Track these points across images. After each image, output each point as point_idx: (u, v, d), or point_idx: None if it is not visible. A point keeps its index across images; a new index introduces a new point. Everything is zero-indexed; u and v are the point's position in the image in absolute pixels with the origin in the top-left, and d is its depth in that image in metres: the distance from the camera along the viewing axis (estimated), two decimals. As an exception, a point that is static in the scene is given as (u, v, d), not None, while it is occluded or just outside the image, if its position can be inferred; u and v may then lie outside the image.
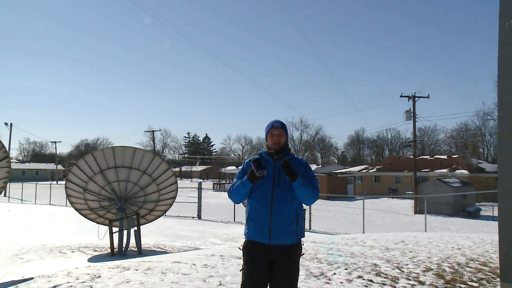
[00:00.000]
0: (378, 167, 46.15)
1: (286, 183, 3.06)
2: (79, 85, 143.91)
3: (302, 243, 3.18)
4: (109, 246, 10.46)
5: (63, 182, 12.91)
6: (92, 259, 9.64)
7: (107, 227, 10.90)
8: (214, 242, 12.96)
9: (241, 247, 3.20)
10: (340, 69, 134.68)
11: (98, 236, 11.04)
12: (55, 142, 76.19)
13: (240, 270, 3.14)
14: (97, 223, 11.89)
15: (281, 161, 3.11)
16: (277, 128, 3.24)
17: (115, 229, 10.89)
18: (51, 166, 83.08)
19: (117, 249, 10.64)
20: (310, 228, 17.27)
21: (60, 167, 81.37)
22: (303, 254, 3.24)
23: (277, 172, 3.11)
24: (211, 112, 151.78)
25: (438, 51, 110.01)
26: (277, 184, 3.08)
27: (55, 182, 57.00)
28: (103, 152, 11.17)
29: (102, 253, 10.68)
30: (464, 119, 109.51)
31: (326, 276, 5.57)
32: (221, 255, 7.47)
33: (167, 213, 15.01)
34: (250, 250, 3.10)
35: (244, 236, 3.19)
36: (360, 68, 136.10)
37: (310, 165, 51.85)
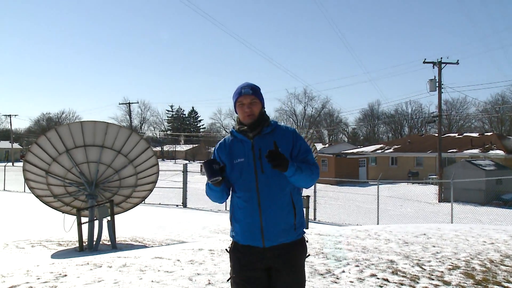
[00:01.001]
0: (396, 146, 46.32)
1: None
2: (39, 48, 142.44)
3: (305, 239, 2.95)
4: (77, 239, 10.50)
5: (21, 164, 12.84)
6: (57, 255, 9.68)
7: (74, 217, 10.91)
8: (202, 235, 13.05)
9: (228, 249, 2.98)
10: (351, 32, 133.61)
11: (64, 227, 11.05)
12: (9, 115, 75.84)
13: (228, 280, 2.96)
14: (63, 212, 11.89)
15: (259, 138, 2.89)
16: (247, 96, 2.93)
17: (84, 219, 10.90)
18: (5, 144, 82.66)
19: (86, 243, 10.68)
20: (315, 219, 17.41)
21: (16, 145, 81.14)
22: (309, 255, 3.02)
23: (258, 153, 2.84)
24: (198, 81, 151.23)
25: (469, 7, 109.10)
26: (260, 169, 2.82)
27: (10, 163, 56.88)
28: (69, 128, 11.07)
29: (68, 247, 10.73)
30: (501, 90, 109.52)
31: (334, 274, 5.61)
32: (210, 250, 7.51)
33: (146, 201, 15.01)
34: (240, 254, 2.88)
35: (231, 237, 3.00)
36: (375, 30, 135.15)
37: (316, 144, 51.73)
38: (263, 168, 2.80)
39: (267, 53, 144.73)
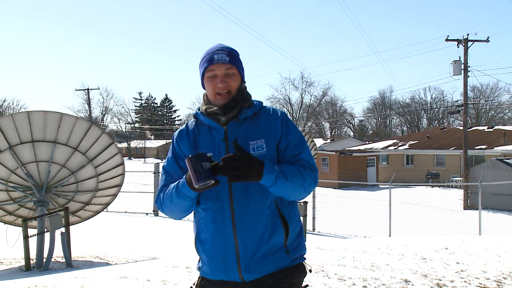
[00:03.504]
0: (412, 142, 46.57)
1: None
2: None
3: (306, 266, 2.60)
4: (23, 256, 10.42)
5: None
6: (-2, 275, 9.60)
7: (20, 229, 10.83)
8: (176, 249, 13.01)
9: (193, 287, 2.67)
10: (358, 4, 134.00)
11: (7, 242, 10.96)
12: None
13: None
14: (5, 223, 11.83)
15: (236, 124, 2.50)
16: (221, 64, 2.50)
17: (32, 232, 10.83)
18: None
19: (34, 260, 10.62)
20: (313, 229, 17.47)
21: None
22: (306, 286, 2.62)
23: (232, 146, 2.30)
24: (173, 64, 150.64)
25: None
26: None
27: None
28: (13, 120, 10.97)
29: (12, 267, 10.66)
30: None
31: (338, 298, 5.62)
32: (187, 267, 7.50)
33: (109, 208, 14.96)
34: None
35: (197, 270, 2.69)
36: (387, 2, 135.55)
37: (315, 139, 51.29)
38: None
39: (256, 29, 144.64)
